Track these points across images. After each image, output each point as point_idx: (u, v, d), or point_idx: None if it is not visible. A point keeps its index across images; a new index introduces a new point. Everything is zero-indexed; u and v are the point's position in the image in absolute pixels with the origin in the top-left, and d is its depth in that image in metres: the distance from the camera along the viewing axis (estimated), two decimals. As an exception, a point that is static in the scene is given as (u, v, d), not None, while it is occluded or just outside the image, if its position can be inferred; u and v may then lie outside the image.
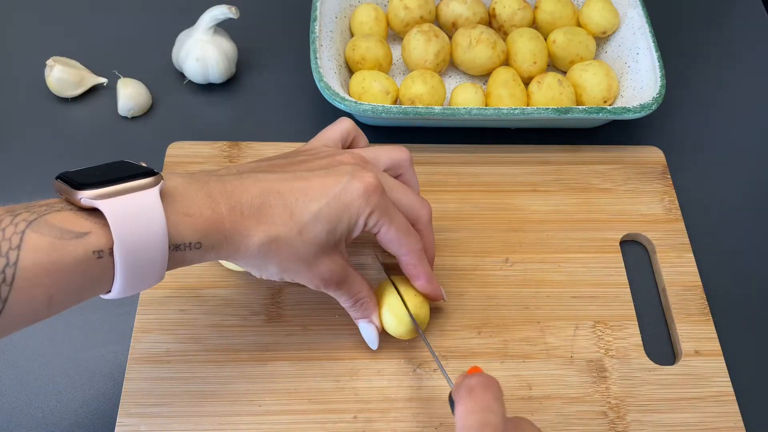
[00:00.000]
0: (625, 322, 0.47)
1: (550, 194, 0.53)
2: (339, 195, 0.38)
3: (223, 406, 0.43)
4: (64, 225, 0.32)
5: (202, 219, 0.35)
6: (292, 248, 0.37)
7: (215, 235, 0.35)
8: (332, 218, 0.38)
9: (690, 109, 0.61)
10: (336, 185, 0.38)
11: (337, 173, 0.39)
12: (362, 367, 0.45)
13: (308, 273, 0.39)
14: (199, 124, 0.57)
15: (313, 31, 0.55)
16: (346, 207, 0.38)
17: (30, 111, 0.57)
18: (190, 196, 0.35)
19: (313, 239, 0.38)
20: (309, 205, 0.37)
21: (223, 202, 0.36)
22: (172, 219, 0.34)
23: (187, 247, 0.35)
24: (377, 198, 0.39)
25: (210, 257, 0.36)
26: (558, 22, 0.59)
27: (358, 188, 0.38)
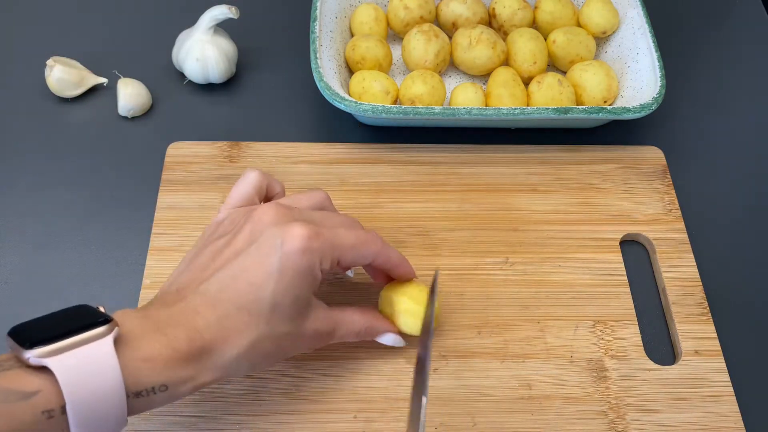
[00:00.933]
0: (625, 322, 0.47)
1: (550, 194, 0.53)
2: (282, 265, 0.36)
3: (223, 406, 0.43)
4: (11, 386, 0.30)
5: (162, 359, 0.33)
6: (271, 339, 0.36)
7: (181, 371, 0.34)
8: (289, 289, 0.36)
9: (690, 109, 0.61)
10: (273, 256, 0.36)
11: (265, 244, 0.36)
12: (362, 367, 0.45)
13: (300, 345, 0.39)
14: (199, 124, 0.57)
15: (313, 31, 0.55)
16: (295, 272, 0.36)
17: (30, 111, 0.57)
18: (146, 338, 0.33)
19: (284, 319, 0.37)
20: (261, 293, 0.36)
21: (180, 333, 0.34)
22: (130, 368, 0.32)
23: (150, 392, 0.33)
24: (318, 244, 0.37)
25: (183, 393, 0.35)
26: (558, 22, 0.59)
27: (295, 247, 0.36)
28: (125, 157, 0.54)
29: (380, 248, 0.41)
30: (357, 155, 0.54)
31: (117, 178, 0.53)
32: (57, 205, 0.52)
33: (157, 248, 0.48)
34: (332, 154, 0.54)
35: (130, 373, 0.32)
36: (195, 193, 0.51)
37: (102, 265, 0.49)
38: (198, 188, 0.52)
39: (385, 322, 0.43)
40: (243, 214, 0.39)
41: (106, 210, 0.52)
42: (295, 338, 0.38)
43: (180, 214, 0.50)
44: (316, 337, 0.39)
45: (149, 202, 0.51)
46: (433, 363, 0.45)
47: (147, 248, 0.49)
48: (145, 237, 0.49)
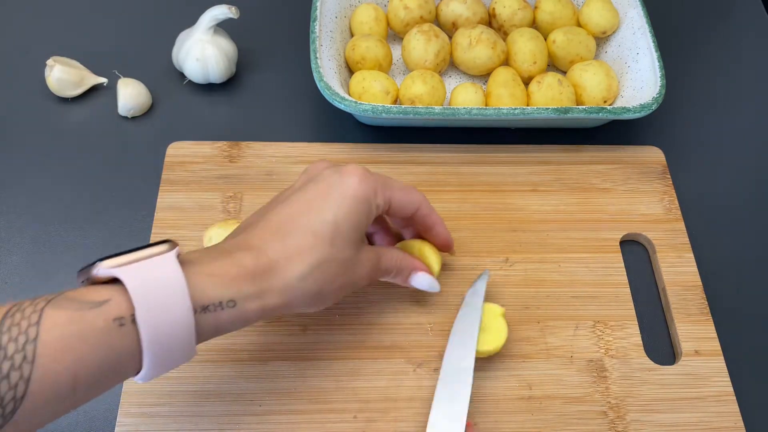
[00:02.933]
0: (625, 322, 0.47)
1: (550, 194, 0.53)
2: (341, 194, 0.38)
3: (223, 406, 0.43)
4: (83, 297, 0.31)
5: (228, 276, 0.34)
6: (334, 263, 0.37)
7: (248, 286, 0.34)
8: (349, 216, 0.38)
9: (690, 109, 0.61)
10: (333, 188, 0.38)
11: (323, 181, 0.39)
12: (362, 367, 0.45)
13: (358, 276, 0.39)
14: (199, 124, 0.57)
15: (313, 31, 0.55)
16: (354, 199, 0.38)
17: (30, 111, 0.57)
18: (210, 261, 0.35)
19: (346, 243, 0.38)
20: (324, 217, 0.37)
21: (245, 256, 0.35)
22: (195, 280, 0.33)
23: (217, 307, 0.33)
24: (373, 178, 0.39)
25: (251, 314, 0.35)
26: (558, 22, 0.59)
27: (353, 180, 0.38)
28: (125, 157, 0.54)
29: (424, 198, 0.43)
30: (357, 155, 0.54)
31: (117, 178, 0.53)
32: (57, 204, 0.52)
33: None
34: (332, 154, 0.54)
35: (195, 285, 0.33)
36: (195, 193, 0.51)
37: (102, 265, 0.49)
38: (198, 188, 0.52)
39: (415, 259, 0.44)
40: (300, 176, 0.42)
41: (106, 210, 0.52)
42: (355, 264, 0.39)
43: (180, 214, 0.50)
44: (368, 266, 0.40)
45: (149, 202, 0.51)
46: (433, 363, 0.45)
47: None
48: (145, 237, 0.49)
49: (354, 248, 0.38)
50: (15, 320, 0.29)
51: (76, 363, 0.29)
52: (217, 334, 0.35)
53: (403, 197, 0.41)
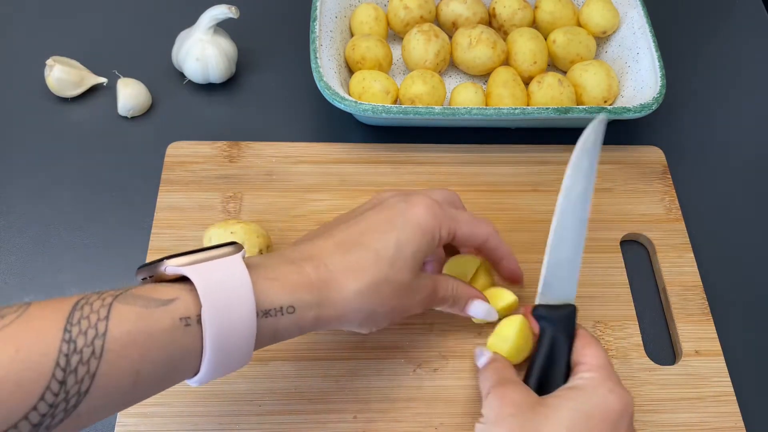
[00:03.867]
0: (625, 322, 0.47)
1: (550, 194, 0.53)
2: (407, 220, 0.38)
3: (223, 406, 0.43)
4: (151, 294, 0.31)
5: (290, 282, 0.34)
6: (392, 284, 0.37)
7: (307, 295, 0.35)
8: (412, 241, 0.38)
9: (690, 109, 0.61)
10: (398, 214, 0.39)
11: (389, 207, 0.39)
12: (362, 367, 0.44)
13: (413, 301, 0.39)
14: (199, 124, 0.57)
15: (313, 31, 0.55)
16: (418, 227, 0.38)
17: (30, 111, 0.57)
18: (273, 265, 0.35)
19: (406, 267, 0.38)
20: (387, 239, 0.37)
21: (307, 265, 0.36)
22: (259, 284, 0.33)
23: (278, 312, 0.34)
24: (439, 209, 0.39)
25: (307, 323, 0.35)
26: (558, 22, 0.59)
27: (419, 208, 0.39)
28: (125, 157, 0.54)
29: (493, 231, 0.43)
30: (357, 155, 0.54)
31: (117, 178, 0.53)
32: (57, 204, 0.52)
33: (157, 248, 0.48)
34: (332, 154, 0.54)
35: (259, 289, 0.33)
36: (195, 193, 0.51)
37: (102, 265, 0.49)
38: (198, 188, 0.52)
39: (471, 287, 0.44)
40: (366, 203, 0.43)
41: (106, 210, 0.51)
42: (411, 290, 0.39)
43: (180, 214, 0.50)
44: (424, 293, 0.40)
45: (149, 202, 0.51)
46: (433, 363, 0.45)
47: (147, 248, 0.49)
48: (145, 237, 0.49)
49: (412, 274, 0.38)
50: (84, 313, 0.29)
51: (141, 360, 0.30)
52: (274, 341, 0.35)
53: (469, 231, 0.41)
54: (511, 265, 0.44)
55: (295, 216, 0.51)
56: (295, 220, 0.50)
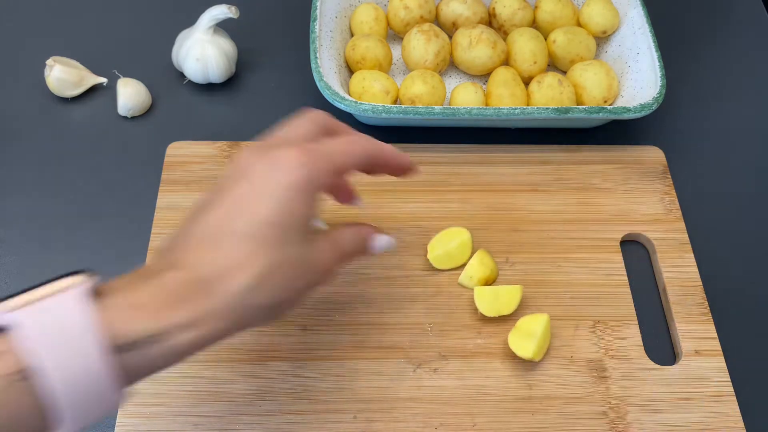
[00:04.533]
0: (625, 322, 0.47)
1: (550, 194, 0.53)
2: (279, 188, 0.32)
3: (223, 406, 0.43)
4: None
5: (152, 306, 0.29)
6: (287, 265, 0.32)
7: (179, 314, 0.29)
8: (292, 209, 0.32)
9: (690, 109, 0.61)
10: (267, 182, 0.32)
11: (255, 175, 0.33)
12: (362, 367, 0.45)
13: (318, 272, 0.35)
14: (199, 124, 0.57)
15: (313, 31, 0.55)
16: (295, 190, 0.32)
17: (30, 111, 0.57)
18: (133, 286, 0.30)
19: (294, 240, 0.33)
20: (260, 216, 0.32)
21: (171, 278, 0.30)
22: (116, 315, 0.28)
23: (142, 344, 0.28)
24: (306, 155, 0.33)
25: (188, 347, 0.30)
26: (558, 22, 0.59)
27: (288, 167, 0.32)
28: (125, 157, 0.54)
29: (369, 143, 0.37)
30: (357, 155, 0.54)
31: (117, 178, 0.53)
32: (57, 205, 0.52)
33: (157, 248, 0.48)
34: (332, 154, 0.54)
35: (114, 321, 0.28)
36: (195, 193, 0.51)
37: (101, 265, 0.49)
38: (198, 188, 0.52)
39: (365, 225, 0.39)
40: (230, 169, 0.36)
41: (106, 210, 0.51)
42: (314, 260, 0.34)
43: (180, 214, 0.50)
44: (331, 257, 0.35)
45: (149, 202, 0.51)
46: (433, 363, 0.45)
47: (147, 248, 0.49)
48: (145, 237, 0.49)
49: (306, 242, 0.33)
50: None
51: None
52: (154, 372, 0.30)
53: (347, 158, 0.35)
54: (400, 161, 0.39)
55: (295, 216, 0.51)
56: (295, 220, 0.50)
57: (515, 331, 0.45)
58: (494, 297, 0.46)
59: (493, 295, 0.46)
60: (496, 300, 0.46)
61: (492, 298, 0.46)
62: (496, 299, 0.46)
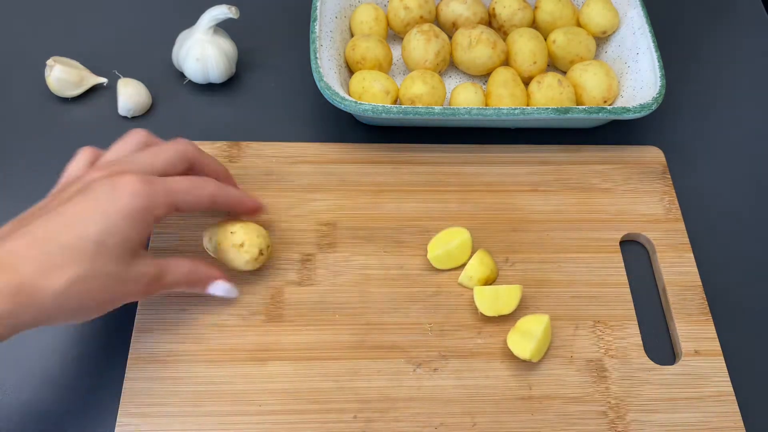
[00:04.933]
0: (625, 322, 0.47)
1: (550, 194, 0.53)
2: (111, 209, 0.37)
3: (223, 406, 0.43)
4: None
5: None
6: (96, 279, 0.36)
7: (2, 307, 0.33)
8: (117, 230, 0.37)
9: (690, 109, 0.61)
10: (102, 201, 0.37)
11: (94, 192, 0.37)
12: (362, 367, 0.45)
13: (128, 290, 0.38)
14: (199, 124, 0.57)
15: (313, 31, 0.55)
16: (125, 214, 0.37)
17: (30, 111, 0.57)
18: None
19: (110, 259, 0.37)
20: (87, 232, 0.36)
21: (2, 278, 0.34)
22: None
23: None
24: (149, 188, 0.38)
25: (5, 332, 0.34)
26: (558, 22, 0.59)
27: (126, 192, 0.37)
28: (125, 157, 0.54)
29: (216, 189, 0.41)
30: (357, 155, 0.54)
31: (117, 178, 0.53)
32: (57, 205, 0.52)
33: (157, 248, 0.48)
34: (332, 154, 0.54)
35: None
36: (195, 193, 0.51)
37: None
38: (198, 188, 0.52)
39: (211, 267, 0.43)
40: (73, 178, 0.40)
41: (106, 210, 0.51)
42: (122, 281, 0.38)
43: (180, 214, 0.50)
44: (143, 281, 0.39)
45: (149, 202, 0.51)
46: (433, 363, 0.45)
47: (147, 248, 0.49)
48: (145, 237, 0.49)
49: (122, 263, 0.37)
50: None
51: None
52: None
53: (189, 198, 0.40)
54: (247, 203, 0.44)
55: (295, 216, 0.51)
56: (295, 220, 0.50)
57: (514, 331, 0.45)
58: (494, 297, 0.46)
59: (493, 295, 0.46)
60: (496, 300, 0.46)
61: (492, 298, 0.46)
62: (496, 299, 0.46)
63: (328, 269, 0.48)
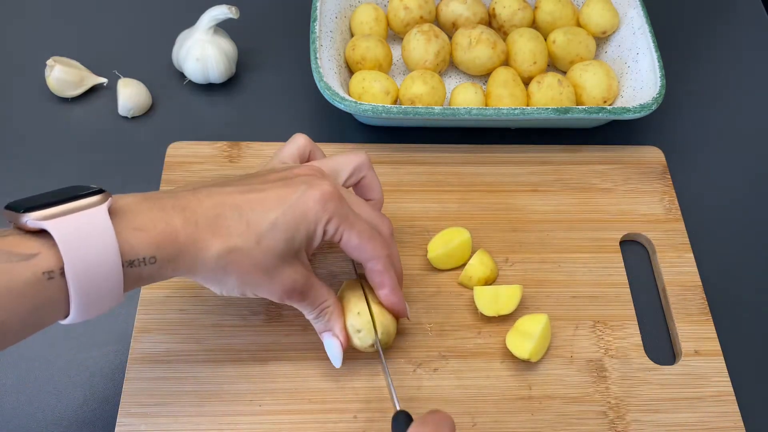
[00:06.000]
0: (625, 322, 0.47)
1: (550, 194, 0.53)
2: (296, 203, 0.38)
3: (223, 406, 0.43)
4: (12, 248, 0.31)
5: (155, 233, 0.34)
6: (251, 259, 0.37)
7: (169, 248, 0.35)
8: (290, 227, 0.37)
9: (690, 109, 0.61)
10: (292, 194, 0.38)
11: (293, 184, 0.39)
12: (362, 367, 0.45)
13: (270, 284, 0.38)
14: (199, 124, 0.57)
15: (313, 31, 0.55)
16: (303, 215, 0.38)
17: (30, 111, 0.57)
18: (142, 212, 0.35)
19: (272, 248, 0.37)
20: (266, 215, 0.37)
21: (177, 216, 0.36)
22: (123, 235, 0.33)
23: (141, 262, 0.34)
24: (334, 205, 0.38)
25: (168, 273, 0.36)
26: (558, 22, 0.59)
27: (314, 196, 0.38)
28: (125, 157, 0.54)
29: (382, 255, 0.40)
30: (357, 155, 0.54)
31: (117, 178, 0.53)
32: (57, 205, 0.52)
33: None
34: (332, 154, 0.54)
35: (124, 239, 0.33)
36: (195, 193, 0.51)
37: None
38: (198, 188, 0.52)
39: (341, 325, 0.42)
40: (283, 167, 0.42)
41: (106, 210, 0.51)
42: (272, 275, 0.38)
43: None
44: (287, 287, 0.39)
45: (149, 202, 0.51)
46: (434, 363, 0.45)
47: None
48: (145, 237, 0.49)
49: (278, 258, 0.38)
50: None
51: (5, 312, 0.31)
52: (139, 285, 0.36)
53: (356, 243, 0.39)
54: (389, 297, 0.42)
55: (295, 216, 0.51)
56: (295, 220, 0.50)
57: (513, 331, 0.45)
58: (494, 297, 0.46)
59: (492, 295, 0.46)
60: (496, 300, 0.46)
61: (492, 298, 0.46)
62: (495, 299, 0.46)
63: (328, 269, 0.48)
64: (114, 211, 0.34)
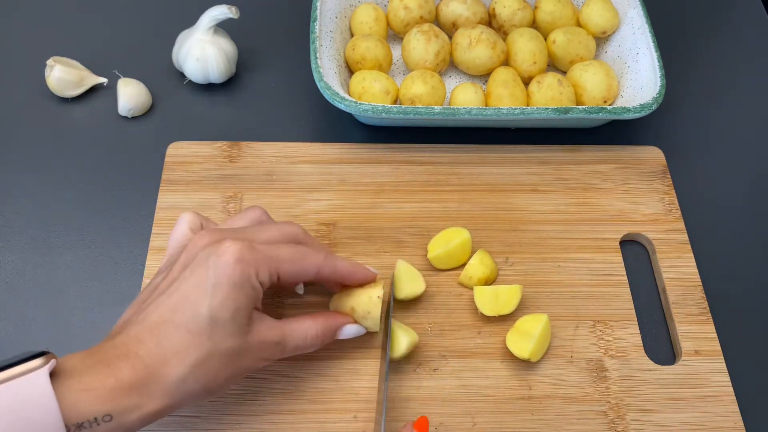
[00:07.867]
0: (625, 322, 0.47)
1: (550, 194, 0.53)
2: (217, 280, 0.36)
3: (223, 406, 0.43)
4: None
5: (104, 390, 0.33)
6: (217, 356, 0.36)
7: (126, 400, 0.33)
8: (228, 303, 0.35)
9: (690, 109, 0.61)
10: (206, 273, 0.36)
11: (199, 265, 0.36)
12: (362, 367, 0.45)
13: (250, 360, 0.38)
14: (199, 124, 0.57)
15: (313, 31, 0.55)
16: (231, 284, 0.36)
17: (30, 111, 0.57)
18: (89, 371, 0.33)
19: (226, 333, 0.36)
20: (197, 310, 0.35)
21: (123, 365, 0.34)
22: (68, 397, 0.32)
23: (93, 423, 0.32)
24: (250, 255, 0.36)
25: (132, 424, 0.34)
26: (558, 22, 0.59)
27: (227, 261, 0.36)
28: (125, 157, 0.54)
29: (322, 260, 0.40)
30: (357, 155, 0.54)
31: (117, 178, 0.53)
32: (57, 204, 0.52)
33: (157, 248, 0.48)
34: (332, 154, 0.54)
35: (69, 403, 0.32)
36: (195, 193, 0.51)
37: (102, 265, 0.49)
38: (198, 188, 0.52)
39: (339, 315, 0.42)
40: (179, 251, 0.40)
41: (106, 210, 0.52)
42: (243, 353, 0.37)
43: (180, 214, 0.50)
44: (265, 350, 0.38)
45: (149, 202, 0.51)
46: (433, 363, 0.45)
47: (147, 248, 0.49)
48: (145, 237, 0.49)
49: (238, 336, 0.36)
50: None
51: None
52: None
53: (293, 268, 0.38)
54: (357, 278, 0.42)
55: (295, 216, 0.51)
56: (295, 220, 0.50)
57: (513, 331, 0.45)
58: (494, 297, 0.46)
59: (492, 295, 0.46)
60: (496, 300, 0.46)
61: (492, 297, 0.46)
62: (495, 299, 0.46)
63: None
64: (58, 372, 0.33)
